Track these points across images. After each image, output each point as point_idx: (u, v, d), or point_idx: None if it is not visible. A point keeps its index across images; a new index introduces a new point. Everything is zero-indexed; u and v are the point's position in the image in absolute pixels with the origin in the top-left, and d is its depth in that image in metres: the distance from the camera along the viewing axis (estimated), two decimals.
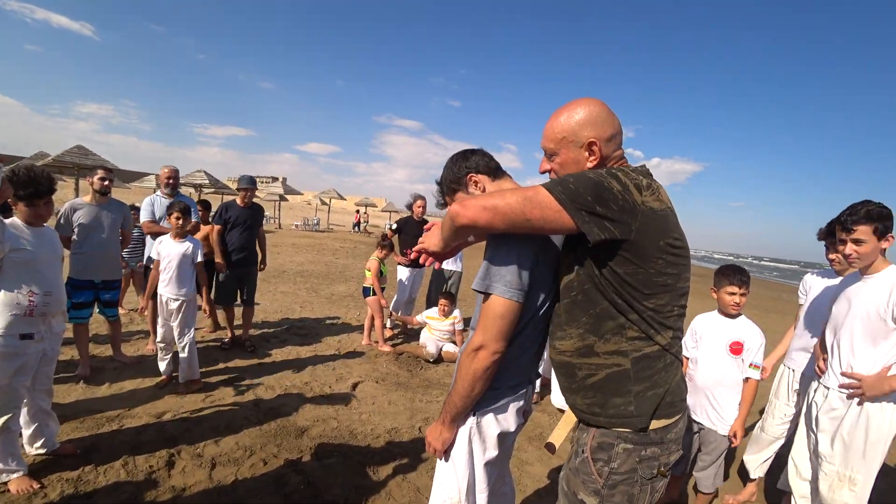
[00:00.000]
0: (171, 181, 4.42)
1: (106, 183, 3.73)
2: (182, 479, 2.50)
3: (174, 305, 3.57)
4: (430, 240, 1.46)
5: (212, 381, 3.79)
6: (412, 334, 5.81)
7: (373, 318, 5.24)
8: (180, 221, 3.59)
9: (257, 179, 5.16)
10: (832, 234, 2.45)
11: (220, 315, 5.14)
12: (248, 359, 4.42)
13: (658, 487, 1.28)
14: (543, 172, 1.38)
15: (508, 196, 1.18)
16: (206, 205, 5.19)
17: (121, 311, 4.98)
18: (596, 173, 1.17)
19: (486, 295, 1.30)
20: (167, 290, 3.57)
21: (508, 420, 1.47)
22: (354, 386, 4.06)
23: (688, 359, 2.71)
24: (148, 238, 4.34)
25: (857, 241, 2.10)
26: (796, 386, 2.85)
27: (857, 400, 2.09)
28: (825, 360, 2.32)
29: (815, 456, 2.27)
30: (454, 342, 5.16)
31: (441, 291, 5.31)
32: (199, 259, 3.71)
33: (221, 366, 4.16)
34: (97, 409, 3.11)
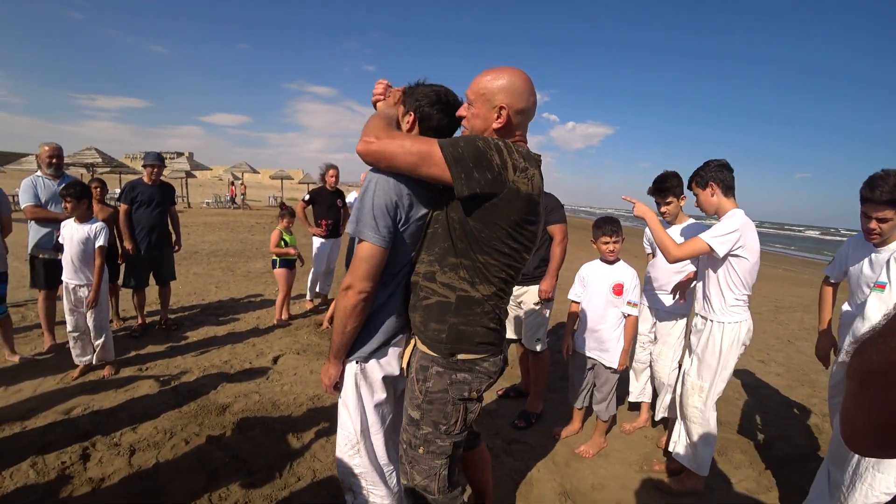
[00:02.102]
0: (54, 160, 3.96)
1: None
2: (100, 470, 2.46)
3: (82, 293, 3.45)
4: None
5: (126, 371, 3.66)
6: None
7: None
8: (69, 206, 3.37)
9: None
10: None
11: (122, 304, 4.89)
12: (162, 344, 4.28)
13: (472, 409, 1.56)
14: (458, 117, 1.55)
15: (409, 145, 1.36)
16: (101, 183, 4.81)
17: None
18: (485, 143, 1.35)
19: (358, 238, 1.47)
20: (72, 276, 3.44)
21: (392, 364, 1.66)
22: (276, 360, 4.10)
23: (577, 303, 3.04)
24: (31, 224, 3.90)
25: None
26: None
27: (709, 322, 2.50)
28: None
29: (683, 375, 2.69)
30: None
31: None
32: (101, 243, 3.50)
33: (133, 353, 4.01)
34: None
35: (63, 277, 3.45)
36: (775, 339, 6.33)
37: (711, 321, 2.51)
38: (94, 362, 3.60)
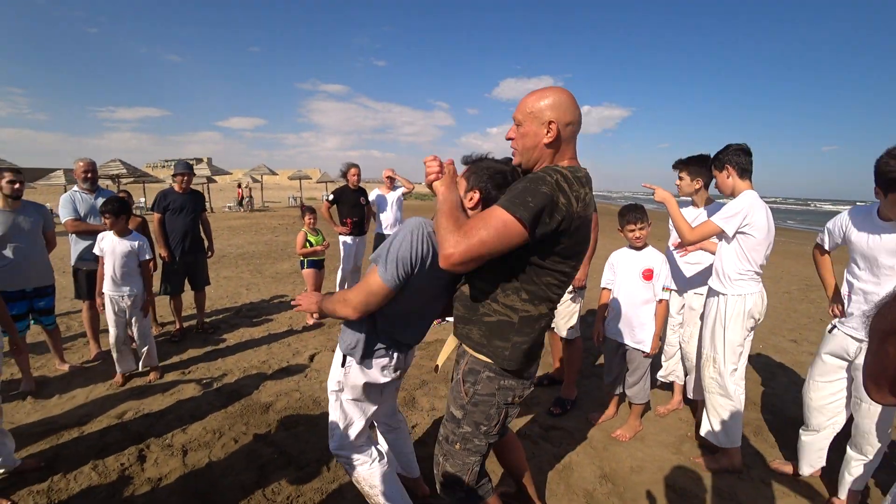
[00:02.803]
0: (89, 175, 4.10)
1: (17, 186, 3.42)
2: (156, 471, 2.59)
3: (125, 304, 3.61)
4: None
5: (169, 375, 3.81)
6: None
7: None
8: (108, 222, 3.50)
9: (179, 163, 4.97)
10: None
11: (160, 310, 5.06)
12: (201, 347, 4.43)
13: (512, 413, 1.69)
14: (509, 139, 1.59)
15: (486, 236, 1.34)
16: (127, 194, 4.98)
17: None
18: (549, 186, 1.37)
19: (374, 269, 1.60)
20: (113, 289, 3.58)
21: (374, 374, 1.83)
22: (312, 357, 4.21)
23: (608, 290, 3.06)
24: (72, 237, 4.06)
25: None
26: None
27: (717, 295, 2.65)
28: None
29: (699, 349, 2.81)
30: None
31: None
32: (147, 257, 3.69)
33: (176, 359, 4.16)
34: (52, 422, 3.08)
35: (105, 290, 3.59)
36: (807, 318, 6.22)
37: (718, 294, 2.63)
38: (139, 368, 3.78)
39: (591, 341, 3.34)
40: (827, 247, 2.59)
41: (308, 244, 5.12)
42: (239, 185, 27.58)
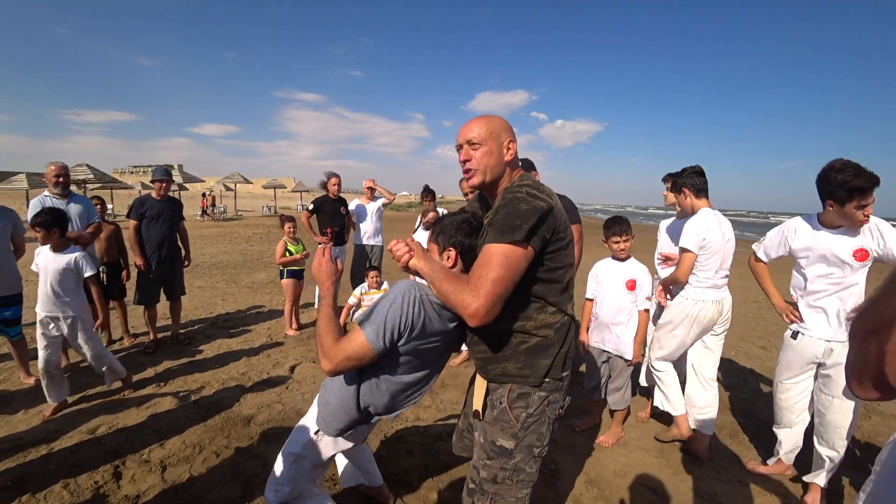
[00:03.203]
0: (60, 179, 3.96)
1: None
2: (134, 488, 2.50)
3: (62, 325, 3.25)
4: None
5: (144, 388, 3.69)
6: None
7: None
8: (39, 236, 3.17)
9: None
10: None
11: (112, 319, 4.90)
12: (177, 359, 4.31)
13: (554, 424, 1.64)
14: (465, 161, 1.60)
15: (499, 280, 1.36)
16: (101, 201, 4.84)
17: None
18: (528, 202, 1.43)
19: (360, 329, 1.54)
20: (48, 309, 3.19)
21: (344, 444, 1.85)
22: (292, 369, 4.15)
23: (592, 301, 3.13)
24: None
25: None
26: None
27: (676, 297, 2.97)
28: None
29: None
30: None
31: (365, 267, 5.42)
32: (89, 272, 3.30)
33: (150, 371, 4.04)
34: (18, 438, 2.93)
35: (37, 309, 3.22)
36: (774, 326, 6.47)
37: (678, 295, 2.97)
38: (110, 386, 3.56)
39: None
40: (764, 255, 2.75)
41: (288, 253, 5.06)
42: (203, 195, 26.92)
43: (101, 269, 4.53)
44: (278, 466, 1.88)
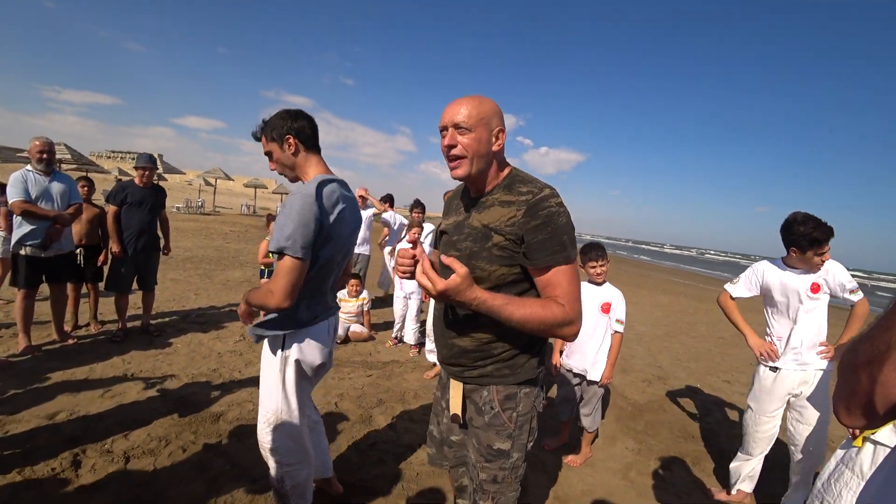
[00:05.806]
0: (44, 156, 3.81)
1: None
2: (93, 477, 2.41)
3: None
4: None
5: (108, 376, 3.58)
6: None
7: None
8: None
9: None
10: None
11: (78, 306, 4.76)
12: (146, 349, 4.20)
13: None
14: (451, 146, 1.46)
15: (575, 290, 1.42)
16: (89, 182, 4.73)
17: None
18: (568, 218, 1.43)
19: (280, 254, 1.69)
20: None
21: (314, 353, 1.91)
22: None
23: None
24: (17, 219, 3.72)
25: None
26: None
27: None
28: None
29: None
30: (361, 323, 5.32)
31: (349, 274, 5.40)
32: None
33: (117, 359, 3.92)
34: None
35: None
36: (739, 362, 6.68)
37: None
38: None
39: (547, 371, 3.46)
40: (736, 293, 2.90)
41: (271, 254, 5.02)
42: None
43: (78, 250, 4.41)
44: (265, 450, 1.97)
